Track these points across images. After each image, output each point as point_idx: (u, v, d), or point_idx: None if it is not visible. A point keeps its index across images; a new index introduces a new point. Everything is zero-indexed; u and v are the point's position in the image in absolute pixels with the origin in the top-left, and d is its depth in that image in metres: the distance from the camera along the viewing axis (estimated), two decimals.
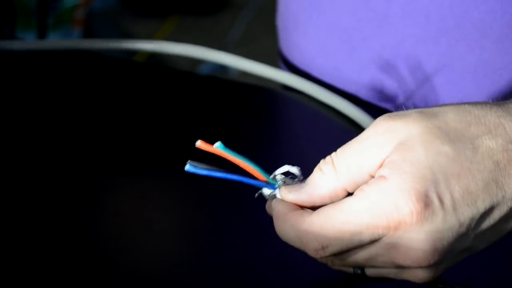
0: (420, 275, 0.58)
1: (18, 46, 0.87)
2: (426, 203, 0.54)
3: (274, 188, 0.60)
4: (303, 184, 0.59)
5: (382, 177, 0.55)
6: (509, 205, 0.57)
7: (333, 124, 0.85)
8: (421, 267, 0.56)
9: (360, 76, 0.88)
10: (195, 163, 0.58)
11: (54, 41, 0.90)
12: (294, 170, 0.60)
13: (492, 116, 0.58)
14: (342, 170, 0.57)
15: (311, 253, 0.57)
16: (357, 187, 0.57)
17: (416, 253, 0.55)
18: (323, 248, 0.56)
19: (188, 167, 0.57)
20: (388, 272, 0.59)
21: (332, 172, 0.57)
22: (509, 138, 0.57)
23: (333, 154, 0.58)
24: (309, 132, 0.84)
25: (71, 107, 0.77)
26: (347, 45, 0.87)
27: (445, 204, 0.55)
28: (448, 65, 0.82)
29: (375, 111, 0.81)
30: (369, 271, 0.59)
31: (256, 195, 0.61)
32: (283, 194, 0.59)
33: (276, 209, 0.59)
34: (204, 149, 0.56)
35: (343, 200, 0.56)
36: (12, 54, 0.86)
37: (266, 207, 0.61)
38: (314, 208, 0.58)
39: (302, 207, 0.59)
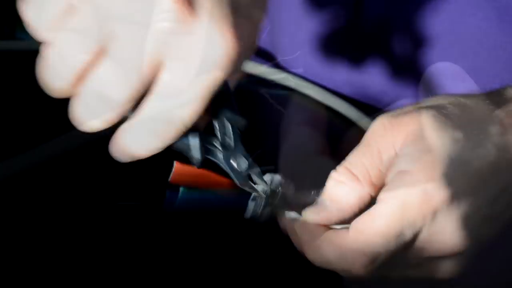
0: (449, 268, 0.59)
1: (18, 46, 0.88)
2: (452, 188, 0.55)
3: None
4: (323, 202, 0.57)
5: (402, 172, 0.56)
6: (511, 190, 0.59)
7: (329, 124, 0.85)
8: (455, 253, 0.57)
9: (348, 78, 0.88)
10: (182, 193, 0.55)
11: None
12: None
13: (482, 105, 0.60)
14: (362, 176, 0.57)
15: (359, 270, 0.55)
16: (378, 188, 0.57)
17: (452, 237, 0.56)
18: (372, 262, 0.55)
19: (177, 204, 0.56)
20: (423, 272, 0.59)
21: (353, 180, 0.57)
22: (503, 124, 0.59)
23: (346, 163, 0.57)
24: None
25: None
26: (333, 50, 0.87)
27: (467, 188, 0.56)
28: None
29: (365, 110, 0.81)
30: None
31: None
32: (309, 216, 0.57)
33: (304, 235, 0.57)
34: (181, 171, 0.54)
35: (374, 207, 0.56)
36: (12, 54, 0.87)
37: (284, 225, 0.59)
38: (342, 223, 0.57)
39: (328, 227, 0.57)
